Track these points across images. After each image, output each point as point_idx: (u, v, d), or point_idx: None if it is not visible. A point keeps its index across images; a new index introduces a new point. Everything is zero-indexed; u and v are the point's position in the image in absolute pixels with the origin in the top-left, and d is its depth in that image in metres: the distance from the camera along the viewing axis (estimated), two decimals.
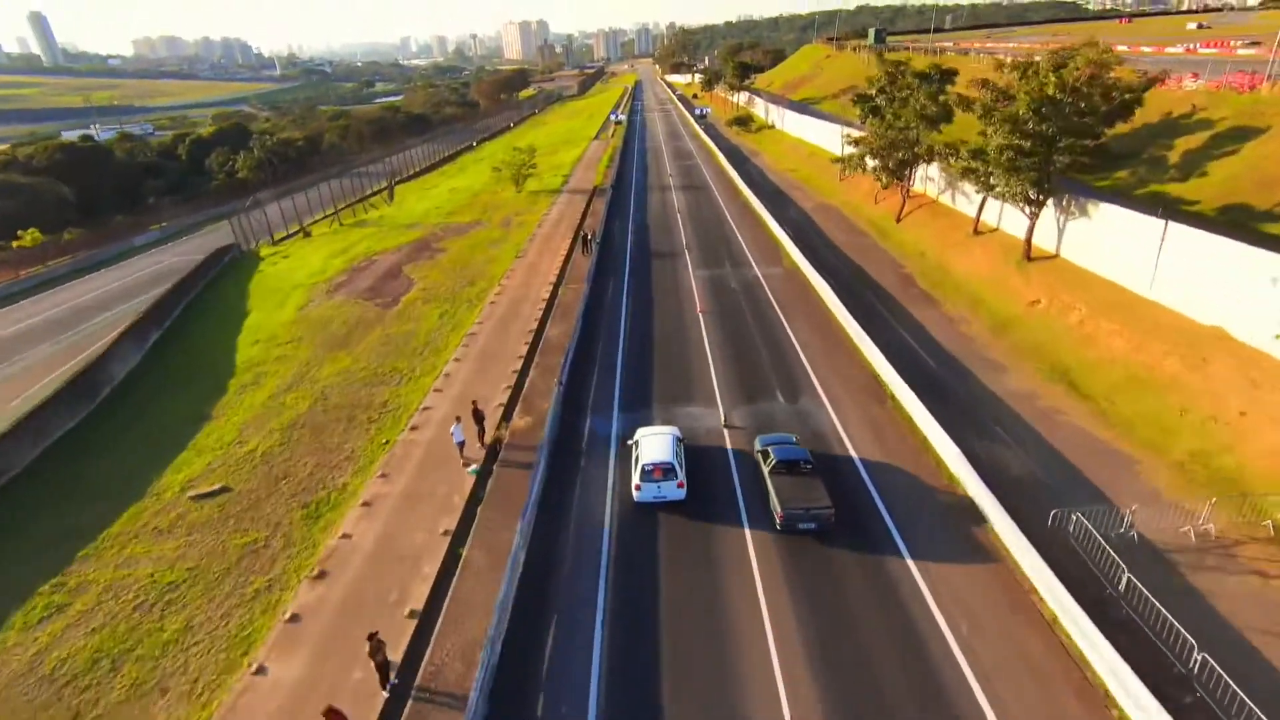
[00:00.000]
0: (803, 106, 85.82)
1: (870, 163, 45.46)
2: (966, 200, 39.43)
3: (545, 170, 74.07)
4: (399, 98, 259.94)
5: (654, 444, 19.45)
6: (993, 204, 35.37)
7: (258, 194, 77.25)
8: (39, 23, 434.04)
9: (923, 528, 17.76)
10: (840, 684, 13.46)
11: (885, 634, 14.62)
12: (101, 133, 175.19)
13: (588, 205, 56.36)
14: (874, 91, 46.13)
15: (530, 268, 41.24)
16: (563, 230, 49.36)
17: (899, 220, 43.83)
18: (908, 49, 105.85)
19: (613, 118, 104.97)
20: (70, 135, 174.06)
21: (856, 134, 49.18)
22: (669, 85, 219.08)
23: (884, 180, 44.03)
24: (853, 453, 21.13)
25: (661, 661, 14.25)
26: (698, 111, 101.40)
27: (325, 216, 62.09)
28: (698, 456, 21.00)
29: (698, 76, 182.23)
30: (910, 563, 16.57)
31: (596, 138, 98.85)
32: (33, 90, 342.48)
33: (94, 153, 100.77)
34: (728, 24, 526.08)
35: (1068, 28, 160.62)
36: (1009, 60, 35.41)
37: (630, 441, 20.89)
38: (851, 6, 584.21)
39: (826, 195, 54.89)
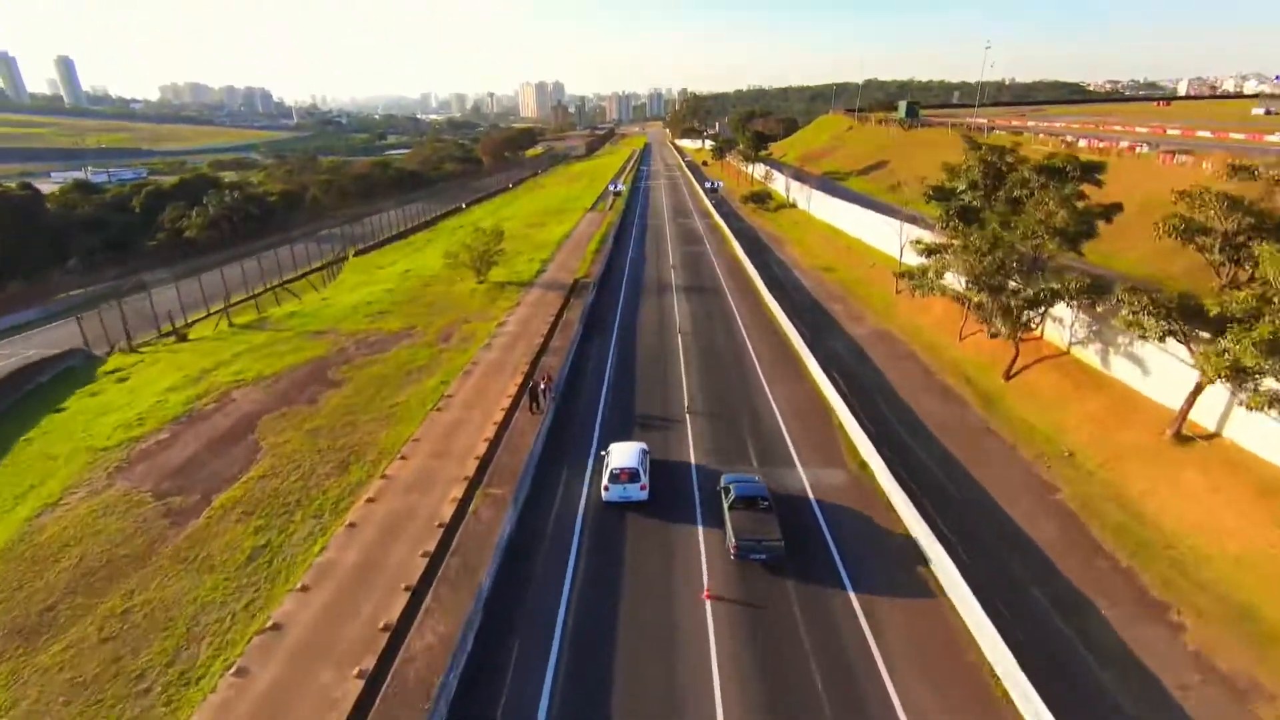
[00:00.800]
0: (838, 188, 73.15)
1: (959, 286, 31.08)
2: (1136, 369, 24.76)
3: (522, 252, 60.54)
4: (407, 150, 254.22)
5: (622, 451, 22.11)
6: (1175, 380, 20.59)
7: (145, 274, 63.72)
8: (65, 66, 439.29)
9: None
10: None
11: None
12: (93, 175, 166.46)
13: (560, 312, 42.15)
14: (963, 187, 32.32)
15: (448, 433, 26.39)
16: (517, 355, 34.78)
17: (1008, 377, 29.09)
18: (946, 124, 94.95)
19: (611, 188, 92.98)
20: (60, 177, 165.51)
21: (931, 238, 35.17)
22: (679, 150, 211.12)
23: (999, 326, 28.35)
24: None
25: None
26: (709, 184, 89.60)
27: (220, 310, 47.79)
28: None
29: (708, 143, 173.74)
30: None
31: (593, 208, 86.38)
32: (45, 130, 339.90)
33: (26, 201, 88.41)
34: (738, 92, 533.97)
35: (1111, 109, 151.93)
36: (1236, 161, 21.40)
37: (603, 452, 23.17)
38: (859, 80, 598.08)
39: (882, 314, 40.55)
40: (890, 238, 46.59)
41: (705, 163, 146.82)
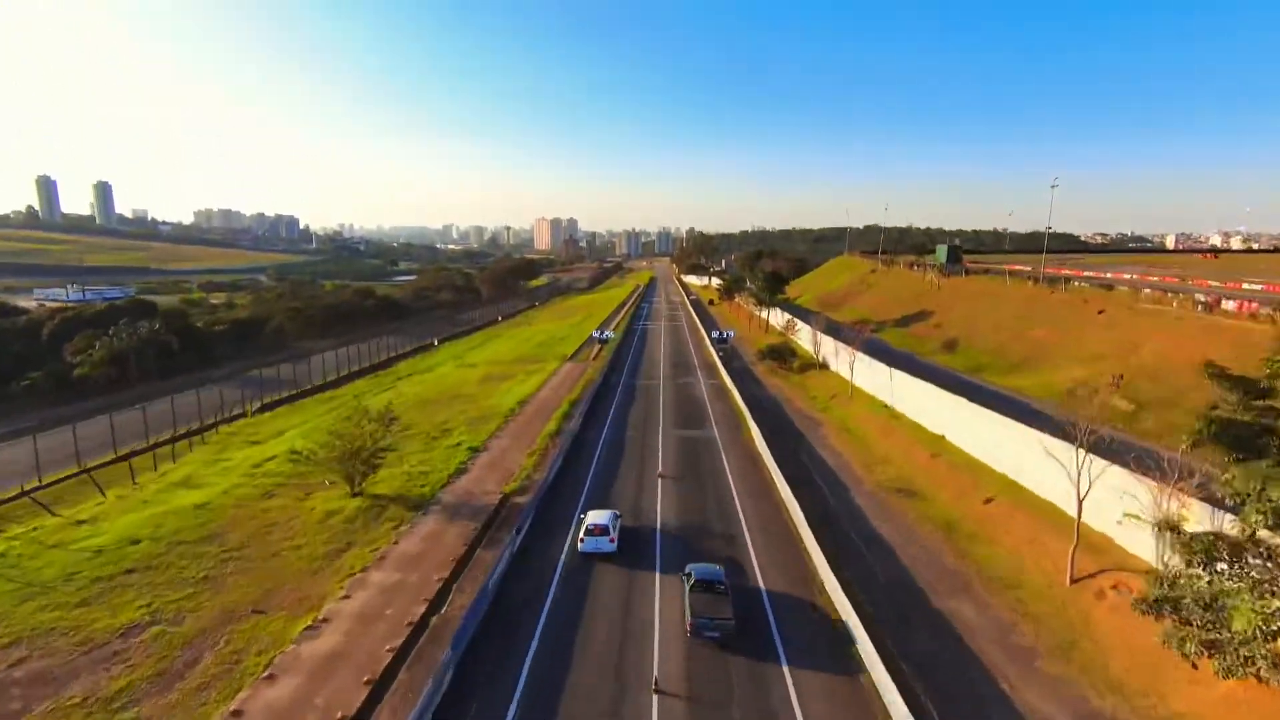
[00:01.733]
0: (898, 354, 56.11)
1: None
2: None
3: (454, 428, 42.27)
4: (414, 277, 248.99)
5: (597, 515, 26.38)
6: None
7: None
8: (102, 190, 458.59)
9: None
10: None
11: None
12: (74, 293, 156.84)
13: (446, 587, 22.73)
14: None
15: None
16: None
17: None
18: (994, 272, 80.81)
19: (597, 335, 76.52)
20: (43, 294, 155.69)
21: (1174, 507, 16.31)
22: (684, 286, 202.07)
23: None
24: None
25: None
26: (717, 334, 72.70)
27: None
28: None
29: (715, 280, 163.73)
30: None
31: (573, 356, 69.80)
32: (60, 248, 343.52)
33: None
34: (742, 233, 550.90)
35: (1157, 259, 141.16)
36: None
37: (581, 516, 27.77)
38: (860, 225, 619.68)
39: (1057, 620, 20.52)
40: (1026, 456, 27.77)
41: (712, 301, 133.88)
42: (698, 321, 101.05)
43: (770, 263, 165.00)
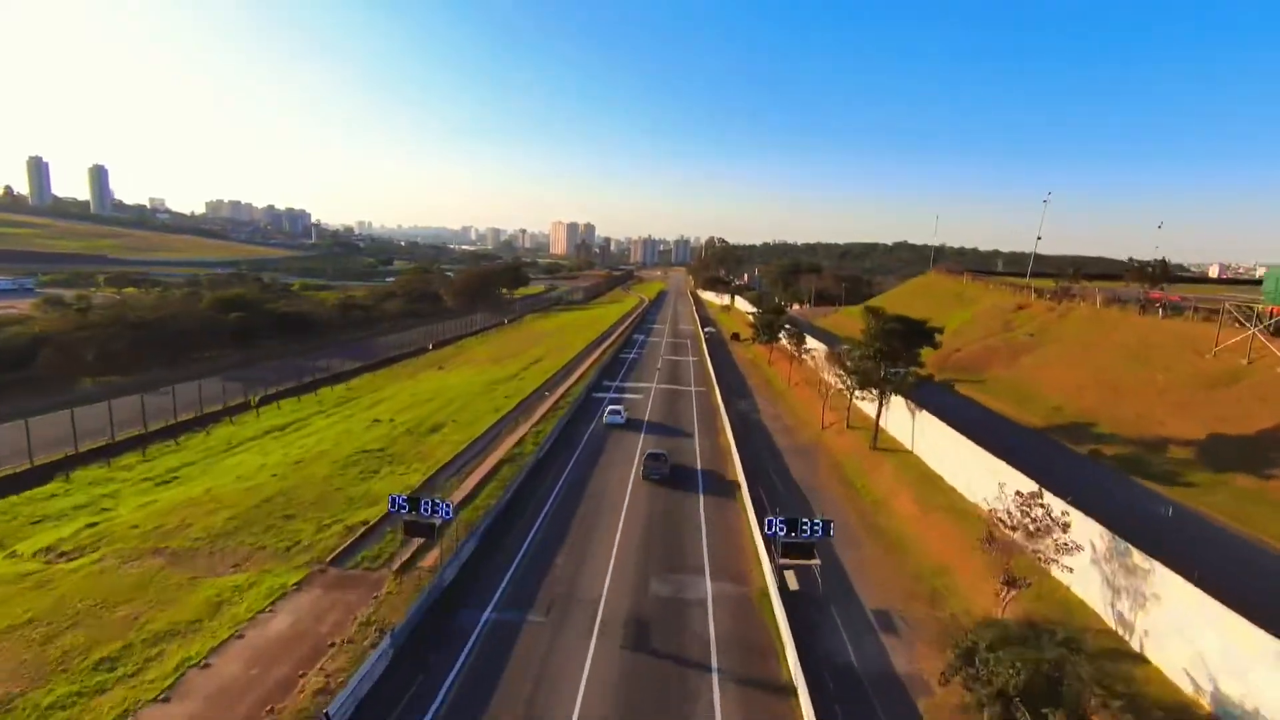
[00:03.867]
0: None
1: None
2: None
3: None
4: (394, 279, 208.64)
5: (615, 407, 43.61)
6: None
7: None
8: (98, 174, 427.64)
9: None
10: None
11: None
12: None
13: None
14: None
15: None
16: None
17: None
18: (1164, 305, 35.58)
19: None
20: None
21: None
22: (698, 303, 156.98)
23: None
24: None
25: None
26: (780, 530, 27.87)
27: None
28: None
29: (741, 302, 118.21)
30: None
31: (363, 539, 26.71)
32: (28, 231, 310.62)
33: None
34: (764, 245, 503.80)
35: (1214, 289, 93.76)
36: None
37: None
38: (889, 242, 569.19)
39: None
40: None
41: (738, 336, 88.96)
42: (712, 373, 56.87)
43: (815, 280, 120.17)
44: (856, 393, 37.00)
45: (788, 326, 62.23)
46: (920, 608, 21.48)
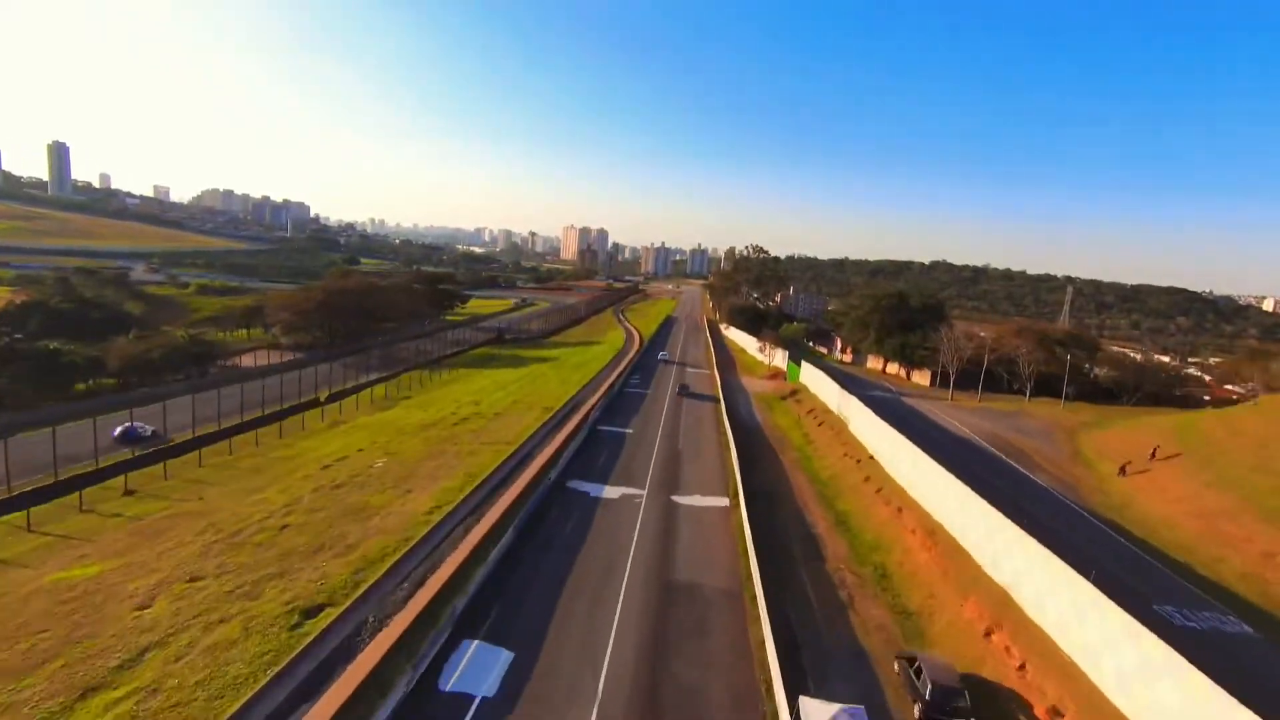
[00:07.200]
0: None
1: None
2: None
3: None
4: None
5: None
6: None
7: None
8: (58, 153, 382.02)
9: None
10: None
11: None
12: None
13: None
14: None
15: None
16: None
17: None
18: None
19: None
20: None
21: None
22: (728, 360, 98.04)
23: None
24: None
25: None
26: None
27: None
28: None
29: (830, 383, 56.45)
30: None
31: None
32: None
33: None
34: (789, 259, 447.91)
35: None
36: None
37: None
38: (926, 260, 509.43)
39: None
40: None
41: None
42: None
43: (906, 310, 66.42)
44: None
45: None
46: None
